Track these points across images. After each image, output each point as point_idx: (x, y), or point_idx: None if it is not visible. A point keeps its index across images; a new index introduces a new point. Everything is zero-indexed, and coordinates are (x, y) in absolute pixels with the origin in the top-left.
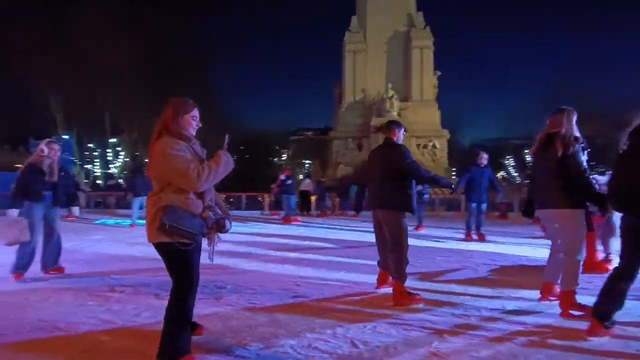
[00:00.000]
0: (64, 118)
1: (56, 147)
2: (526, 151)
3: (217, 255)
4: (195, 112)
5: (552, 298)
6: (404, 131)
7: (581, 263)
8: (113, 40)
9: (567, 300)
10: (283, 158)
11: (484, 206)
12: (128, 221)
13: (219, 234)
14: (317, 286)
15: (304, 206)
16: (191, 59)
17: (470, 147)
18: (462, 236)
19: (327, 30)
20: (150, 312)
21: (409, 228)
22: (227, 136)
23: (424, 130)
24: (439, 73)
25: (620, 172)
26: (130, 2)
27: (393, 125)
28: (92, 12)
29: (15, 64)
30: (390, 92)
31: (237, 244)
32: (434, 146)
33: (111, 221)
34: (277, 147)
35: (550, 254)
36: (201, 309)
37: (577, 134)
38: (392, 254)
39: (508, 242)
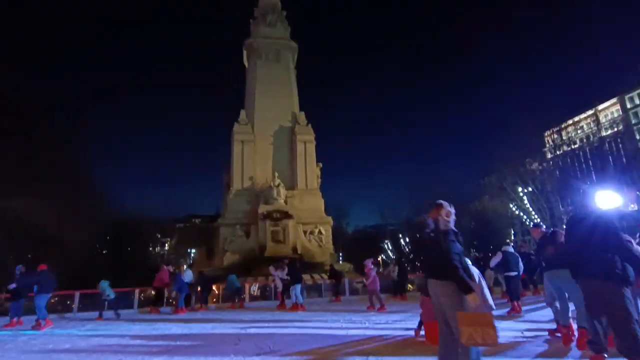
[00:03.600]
0: None
1: None
2: (400, 235)
3: None
4: None
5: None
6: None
7: None
8: None
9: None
10: (166, 247)
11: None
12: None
13: None
14: None
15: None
16: (55, 141)
17: (353, 232)
18: None
19: (220, 119)
20: None
21: None
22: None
23: (309, 217)
24: (320, 165)
25: None
26: None
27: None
28: None
29: None
30: (277, 181)
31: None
32: (319, 232)
33: None
34: (159, 235)
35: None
36: None
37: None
38: None
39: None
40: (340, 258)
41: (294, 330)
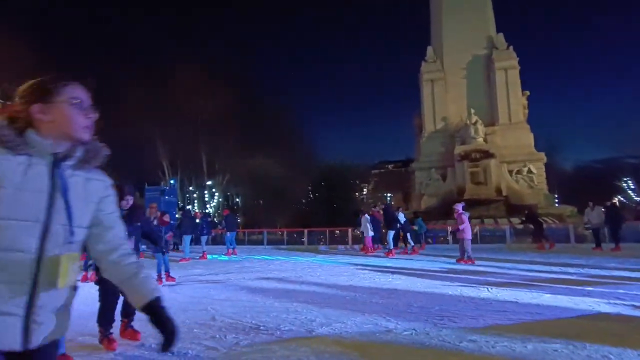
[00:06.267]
0: (169, 165)
1: None
2: None
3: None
4: None
5: None
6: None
7: None
8: (208, 95)
9: None
10: (364, 192)
11: None
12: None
13: None
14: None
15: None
16: (275, 105)
17: (574, 169)
18: None
19: (404, 63)
20: (248, 340)
21: None
22: None
23: (515, 154)
24: (527, 93)
25: None
26: (221, 63)
27: None
28: (190, 71)
29: (127, 120)
30: (474, 118)
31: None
32: (529, 171)
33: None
34: (357, 182)
35: None
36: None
37: None
38: None
39: None
40: (557, 200)
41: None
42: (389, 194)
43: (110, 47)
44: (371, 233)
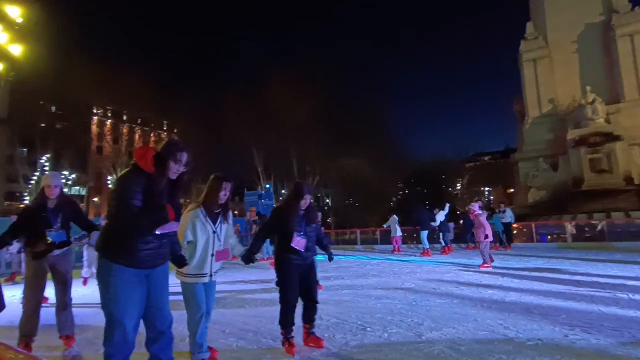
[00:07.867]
0: (264, 170)
1: None
2: None
3: None
4: None
5: None
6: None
7: None
8: (298, 101)
9: None
10: (458, 187)
11: None
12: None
13: None
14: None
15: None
16: (364, 104)
17: None
18: None
19: (495, 49)
20: (356, 341)
21: None
22: None
23: None
24: None
25: None
26: (311, 69)
27: None
28: (282, 77)
29: (230, 132)
30: (591, 96)
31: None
32: None
33: None
34: (444, 176)
35: None
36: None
37: None
38: None
39: None
40: None
41: None
42: (486, 188)
43: (216, 69)
44: (400, 233)
